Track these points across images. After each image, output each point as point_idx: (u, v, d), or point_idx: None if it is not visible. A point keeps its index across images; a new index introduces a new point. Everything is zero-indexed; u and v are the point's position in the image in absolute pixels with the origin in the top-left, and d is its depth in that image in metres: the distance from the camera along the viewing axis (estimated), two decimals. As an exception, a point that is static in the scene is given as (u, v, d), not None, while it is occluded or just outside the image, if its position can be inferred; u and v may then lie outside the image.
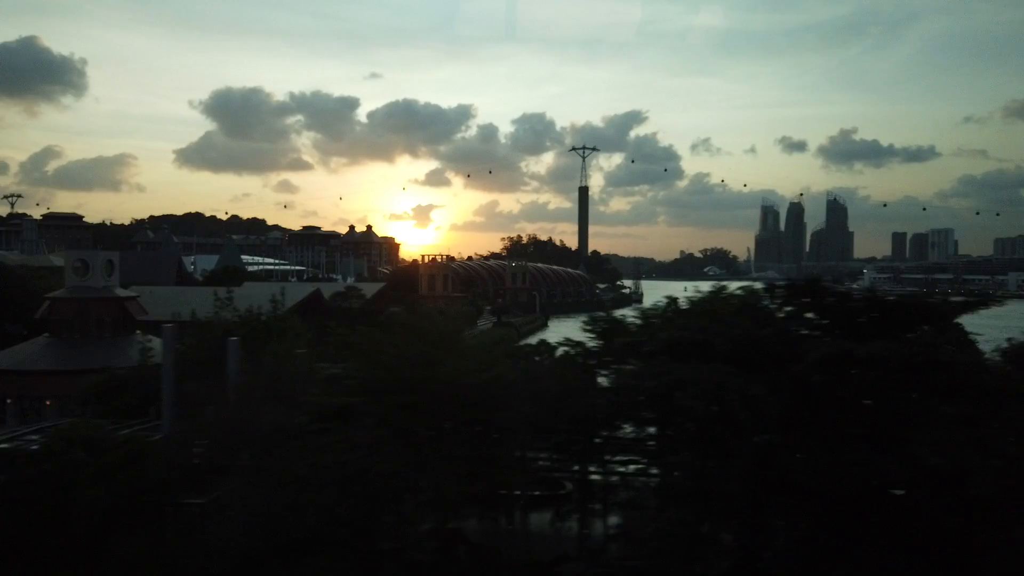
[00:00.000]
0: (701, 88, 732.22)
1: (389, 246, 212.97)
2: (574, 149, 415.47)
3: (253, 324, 26.50)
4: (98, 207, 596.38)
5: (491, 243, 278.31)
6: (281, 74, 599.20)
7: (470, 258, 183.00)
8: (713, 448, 11.21)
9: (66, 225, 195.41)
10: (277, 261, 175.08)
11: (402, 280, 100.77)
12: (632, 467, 15.08)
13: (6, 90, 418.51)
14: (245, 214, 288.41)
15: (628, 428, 14.99)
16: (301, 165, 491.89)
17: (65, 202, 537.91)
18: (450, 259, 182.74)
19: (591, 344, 16.14)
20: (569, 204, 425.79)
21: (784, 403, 10.54)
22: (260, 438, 14.86)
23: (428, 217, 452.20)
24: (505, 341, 26.97)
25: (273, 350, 21.20)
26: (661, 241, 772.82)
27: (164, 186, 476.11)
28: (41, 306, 37.82)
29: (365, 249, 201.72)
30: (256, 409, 15.74)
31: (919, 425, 9.69)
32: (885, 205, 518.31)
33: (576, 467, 16.61)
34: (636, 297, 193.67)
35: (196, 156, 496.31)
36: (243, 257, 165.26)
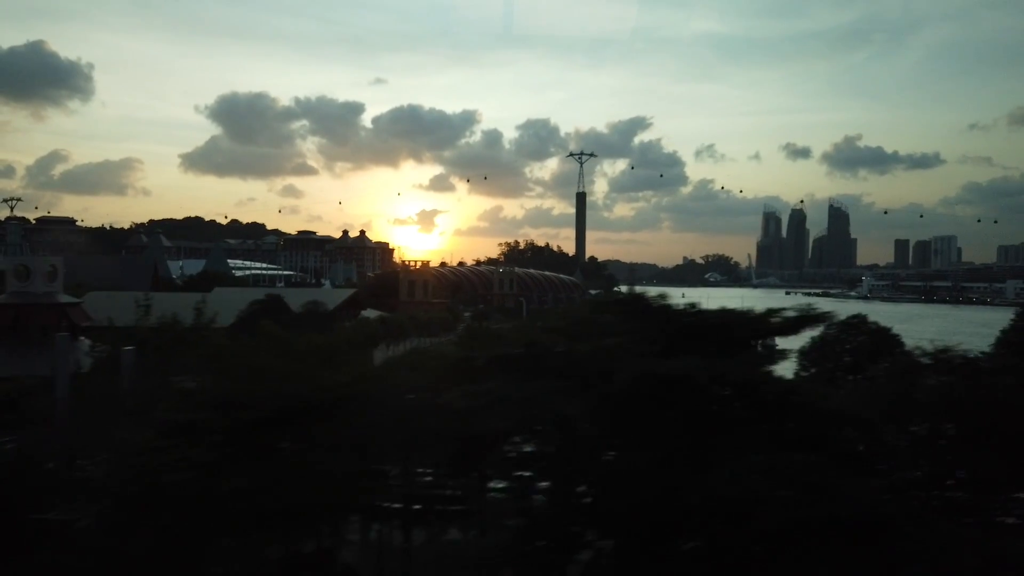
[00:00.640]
0: (706, 94, 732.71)
1: (383, 251, 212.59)
2: (572, 155, 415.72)
3: (169, 333, 25.97)
4: (104, 211, 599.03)
5: (494, 248, 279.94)
6: (286, 79, 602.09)
7: (461, 263, 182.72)
8: (537, 467, 10.68)
9: (59, 229, 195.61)
10: (267, 266, 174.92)
11: (383, 286, 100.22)
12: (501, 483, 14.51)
13: (13, 94, 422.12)
14: (250, 219, 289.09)
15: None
16: (306, 170, 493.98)
17: (71, 206, 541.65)
18: (442, 264, 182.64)
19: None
20: (573, 210, 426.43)
21: (600, 423, 9.97)
22: (104, 453, 14.30)
23: (432, 222, 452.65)
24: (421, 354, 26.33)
25: (168, 361, 20.67)
26: (665, 247, 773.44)
27: (169, 190, 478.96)
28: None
29: (358, 254, 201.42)
30: (104, 422, 15.19)
31: (720, 449, 9.09)
32: (886, 212, 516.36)
33: (454, 482, 16.02)
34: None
35: (202, 160, 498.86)
36: (234, 262, 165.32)
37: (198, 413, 14.47)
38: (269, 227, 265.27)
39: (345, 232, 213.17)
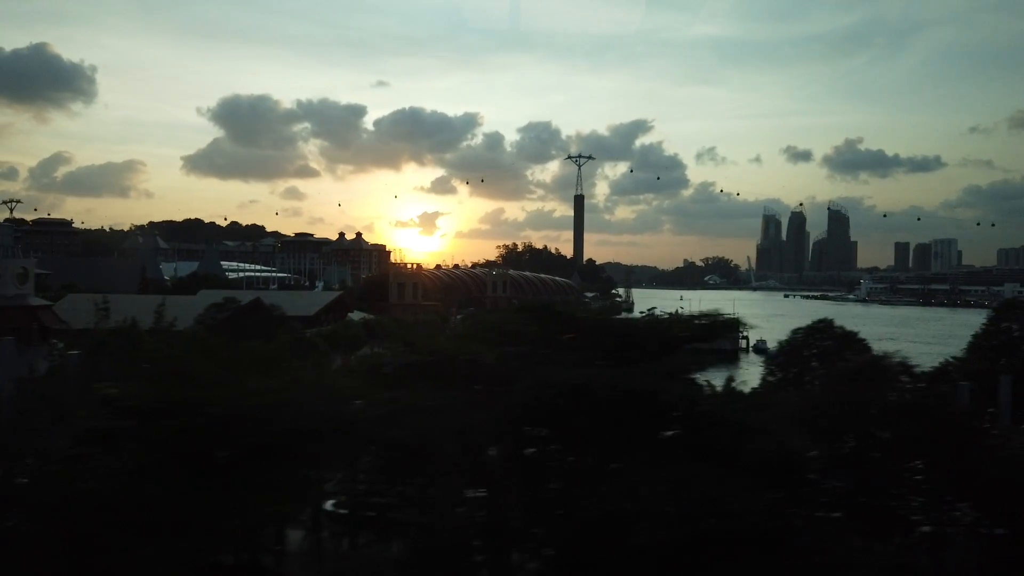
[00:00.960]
0: (706, 97, 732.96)
1: (379, 253, 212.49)
2: (570, 157, 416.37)
3: (126, 335, 25.70)
4: (107, 213, 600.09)
5: (495, 251, 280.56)
6: (289, 82, 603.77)
7: (456, 266, 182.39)
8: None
9: (55, 231, 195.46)
10: (263, 268, 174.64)
11: (374, 288, 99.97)
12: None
13: (17, 96, 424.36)
14: (253, 221, 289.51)
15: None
16: (308, 172, 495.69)
17: (74, 208, 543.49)
18: (437, 267, 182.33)
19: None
20: (572, 212, 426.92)
21: (501, 434, 9.68)
22: (19, 461, 14.02)
23: (434, 224, 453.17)
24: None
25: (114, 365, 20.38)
26: (666, 249, 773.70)
27: (172, 192, 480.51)
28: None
29: (354, 256, 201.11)
30: (33, 430, 14.91)
31: (612, 462, 8.81)
32: (885, 215, 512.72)
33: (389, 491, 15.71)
34: (627, 306, 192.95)
35: (204, 163, 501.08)
36: (229, 264, 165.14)
37: (117, 420, 14.21)
38: (271, 229, 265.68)
39: (341, 234, 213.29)
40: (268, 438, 14.67)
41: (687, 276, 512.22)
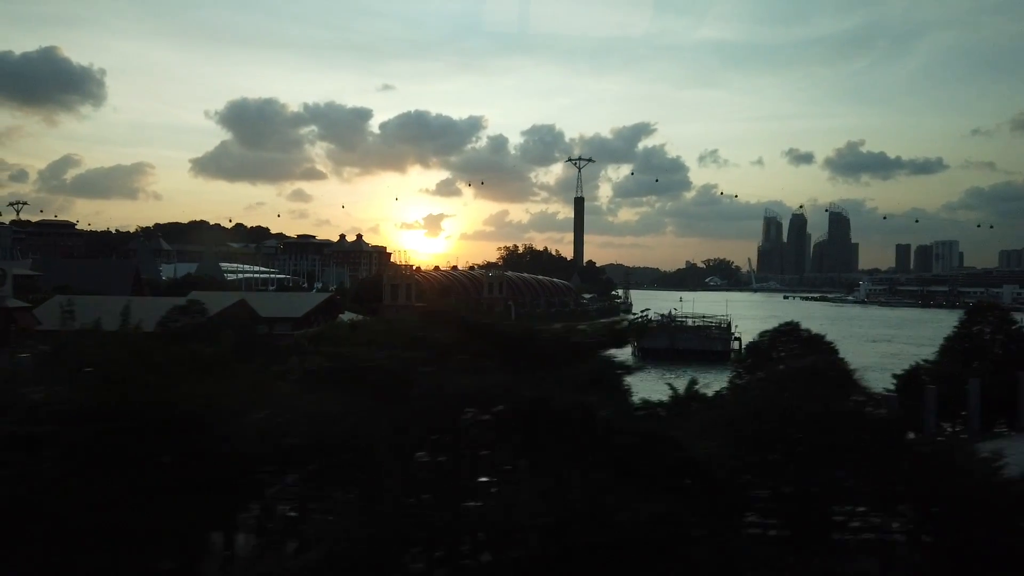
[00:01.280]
0: (709, 100, 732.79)
1: (380, 255, 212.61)
2: (570, 160, 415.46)
3: (88, 338, 25.59)
4: (116, 215, 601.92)
5: (496, 252, 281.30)
6: (295, 85, 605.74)
7: (455, 267, 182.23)
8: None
9: (57, 233, 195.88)
10: (264, 269, 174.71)
11: (368, 290, 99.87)
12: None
13: (26, 99, 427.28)
14: (260, 223, 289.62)
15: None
16: (314, 175, 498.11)
17: (84, 209, 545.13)
18: (436, 268, 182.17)
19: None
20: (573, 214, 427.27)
21: (395, 441, 9.53)
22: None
23: (439, 226, 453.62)
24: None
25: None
26: (669, 251, 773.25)
27: (179, 194, 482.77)
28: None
29: (355, 258, 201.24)
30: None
31: (496, 469, 8.66)
32: (884, 218, 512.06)
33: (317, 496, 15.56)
34: (625, 307, 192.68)
35: (212, 165, 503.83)
36: (229, 265, 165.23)
37: (40, 425, 14.08)
38: (277, 231, 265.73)
39: (342, 236, 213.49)
40: (190, 443, 14.57)
41: (688, 278, 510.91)
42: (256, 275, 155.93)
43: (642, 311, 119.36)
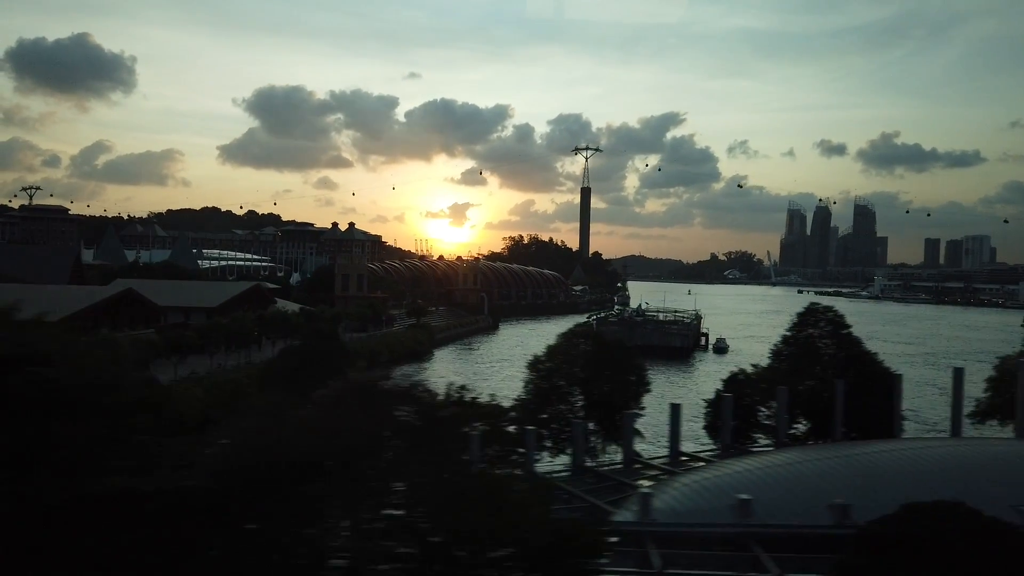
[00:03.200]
0: (739, 90, 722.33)
1: (373, 244, 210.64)
2: (576, 150, 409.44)
3: None
4: (146, 200, 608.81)
5: (502, 243, 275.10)
6: (322, 73, 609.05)
7: (441, 257, 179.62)
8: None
9: (51, 218, 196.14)
10: (251, 257, 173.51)
11: (322, 279, 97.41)
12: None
13: (59, 86, 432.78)
14: (284, 211, 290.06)
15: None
16: (341, 162, 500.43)
17: (114, 195, 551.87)
18: (422, 258, 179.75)
19: None
20: (604, 205, 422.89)
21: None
22: None
23: (464, 216, 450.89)
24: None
25: None
26: (696, 243, 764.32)
27: (207, 180, 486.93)
28: None
29: (347, 246, 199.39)
30: None
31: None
32: (907, 212, 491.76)
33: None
34: (623, 300, 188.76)
35: (239, 152, 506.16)
36: (212, 252, 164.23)
37: None
38: (308, 219, 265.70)
39: (335, 224, 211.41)
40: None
41: (708, 270, 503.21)
42: (239, 263, 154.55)
43: (637, 305, 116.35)
